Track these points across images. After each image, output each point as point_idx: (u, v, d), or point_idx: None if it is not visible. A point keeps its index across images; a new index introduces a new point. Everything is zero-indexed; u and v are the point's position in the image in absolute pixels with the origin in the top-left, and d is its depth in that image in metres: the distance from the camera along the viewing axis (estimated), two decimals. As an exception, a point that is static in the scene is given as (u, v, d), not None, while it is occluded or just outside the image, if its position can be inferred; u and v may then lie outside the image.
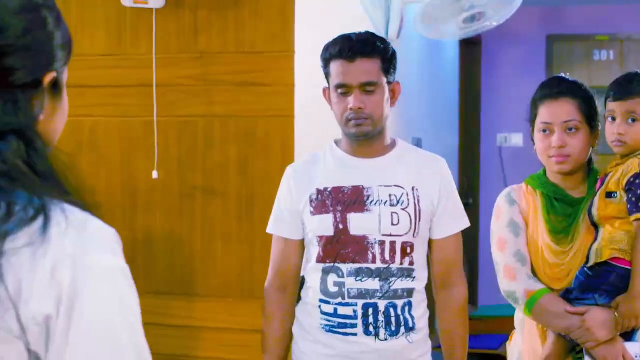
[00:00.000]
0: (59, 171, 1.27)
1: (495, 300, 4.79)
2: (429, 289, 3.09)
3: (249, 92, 4.02)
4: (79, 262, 1.18)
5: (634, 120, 2.88)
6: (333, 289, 2.93)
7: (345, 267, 2.90)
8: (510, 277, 2.99)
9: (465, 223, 3.09)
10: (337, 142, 3.09)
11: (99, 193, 4.21)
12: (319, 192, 2.97)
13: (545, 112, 2.98)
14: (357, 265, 2.89)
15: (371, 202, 2.92)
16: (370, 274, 2.89)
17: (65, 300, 1.15)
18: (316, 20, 4.20)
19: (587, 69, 8.39)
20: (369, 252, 2.89)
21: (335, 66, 2.93)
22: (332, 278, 2.92)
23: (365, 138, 2.95)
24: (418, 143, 6.24)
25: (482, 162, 8.74)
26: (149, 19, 4.10)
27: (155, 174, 4.09)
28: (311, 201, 2.97)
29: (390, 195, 2.93)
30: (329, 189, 2.96)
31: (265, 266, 3.17)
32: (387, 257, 2.90)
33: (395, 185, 2.95)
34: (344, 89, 2.91)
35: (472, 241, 7.83)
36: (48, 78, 1.32)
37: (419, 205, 2.94)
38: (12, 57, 1.26)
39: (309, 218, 2.97)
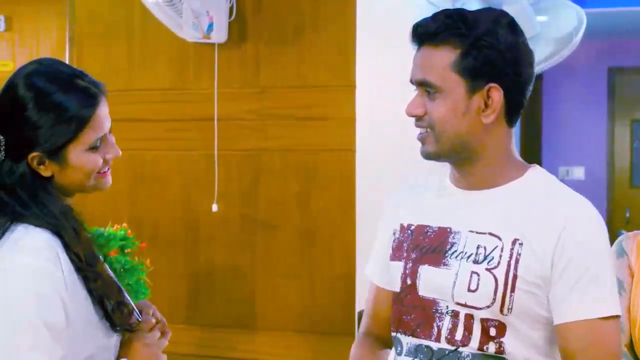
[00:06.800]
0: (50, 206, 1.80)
1: None
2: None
3: (309, 126, 4.03)
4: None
5: None
6: None
7: (405, 341, 1.99)
8: None
9: (604, 309, 1.84)
10: None
11: (160, 225, 4.26)
12: (402, 228, 2.06)
13: None
14: (417, 341, 1.96)
15: (453, 252, 1.94)
16: (430, 355, 1.94)
17: None
18: (377, 53, 4.20)
19: (649, 101, 8.33)
20: (434, 325, 1.94)
21: None
22: (393, 354, 2.05)
23: (437, 160, 1.99)
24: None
25: (544, 195, 8.61)
26: (211, 54, 4.14)
27: (215, 207, 4.11)
28: (393, 240, 2.08)
29: (478, 247, 1.91)
30: (412, 227, 2.03)
31: (327, 300, 3.13)
32: (457, 335, 1.90)
33: (490, 234, 1.91)
34: (414, 87, 1.98)
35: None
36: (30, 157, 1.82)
37: (515, 268, 1.86)
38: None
39: (390, 263, 2.08)
